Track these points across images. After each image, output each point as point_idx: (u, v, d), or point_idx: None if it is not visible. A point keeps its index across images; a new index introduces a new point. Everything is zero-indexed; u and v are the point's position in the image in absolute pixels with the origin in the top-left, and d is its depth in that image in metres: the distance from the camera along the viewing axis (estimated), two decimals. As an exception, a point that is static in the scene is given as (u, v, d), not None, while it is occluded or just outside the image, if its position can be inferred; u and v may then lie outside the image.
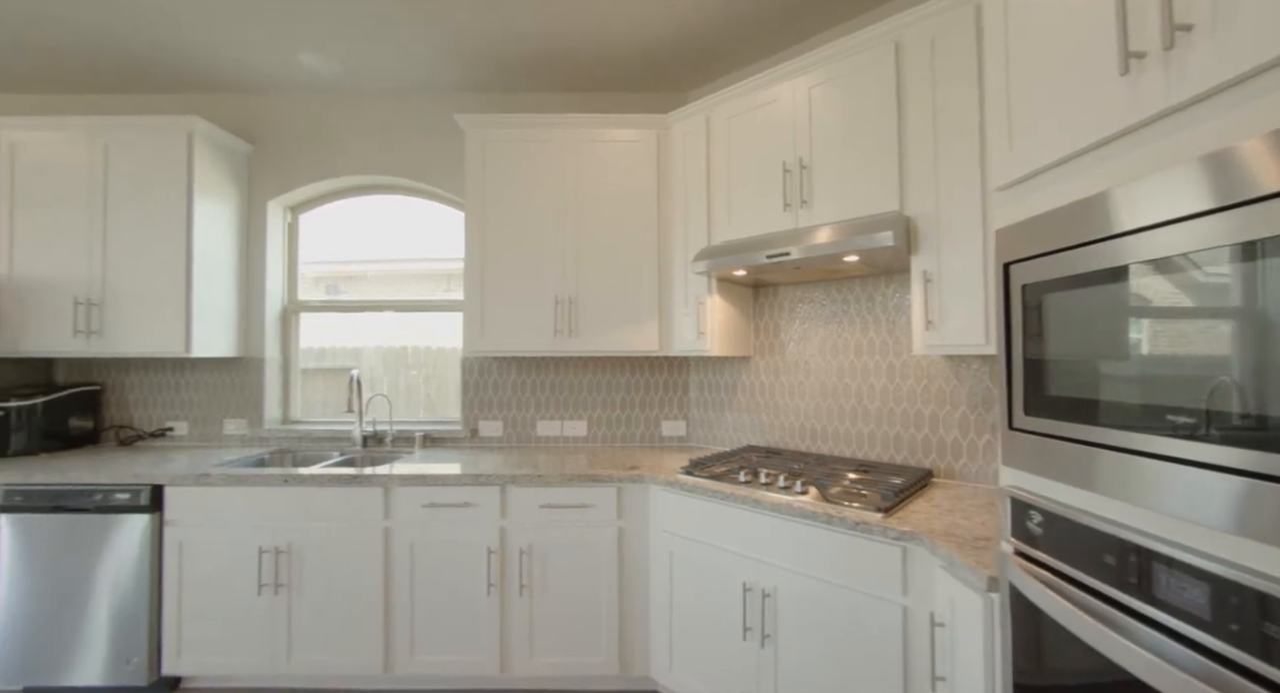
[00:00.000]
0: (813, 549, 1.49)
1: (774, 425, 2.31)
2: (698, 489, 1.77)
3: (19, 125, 2.33)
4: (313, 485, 1.97)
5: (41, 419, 2.37)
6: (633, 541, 1.98)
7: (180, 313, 2.31)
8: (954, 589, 1.17)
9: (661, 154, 2.31)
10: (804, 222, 1.85)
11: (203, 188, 2.38)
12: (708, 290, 2.15)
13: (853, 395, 2.08)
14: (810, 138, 1.85)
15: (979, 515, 1.41)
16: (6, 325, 2.35)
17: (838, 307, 2.13)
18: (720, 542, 1.72)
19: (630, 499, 1.98)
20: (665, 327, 2.30)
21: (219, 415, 2.61)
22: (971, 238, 1.49)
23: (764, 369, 2.35)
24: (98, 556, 1.97)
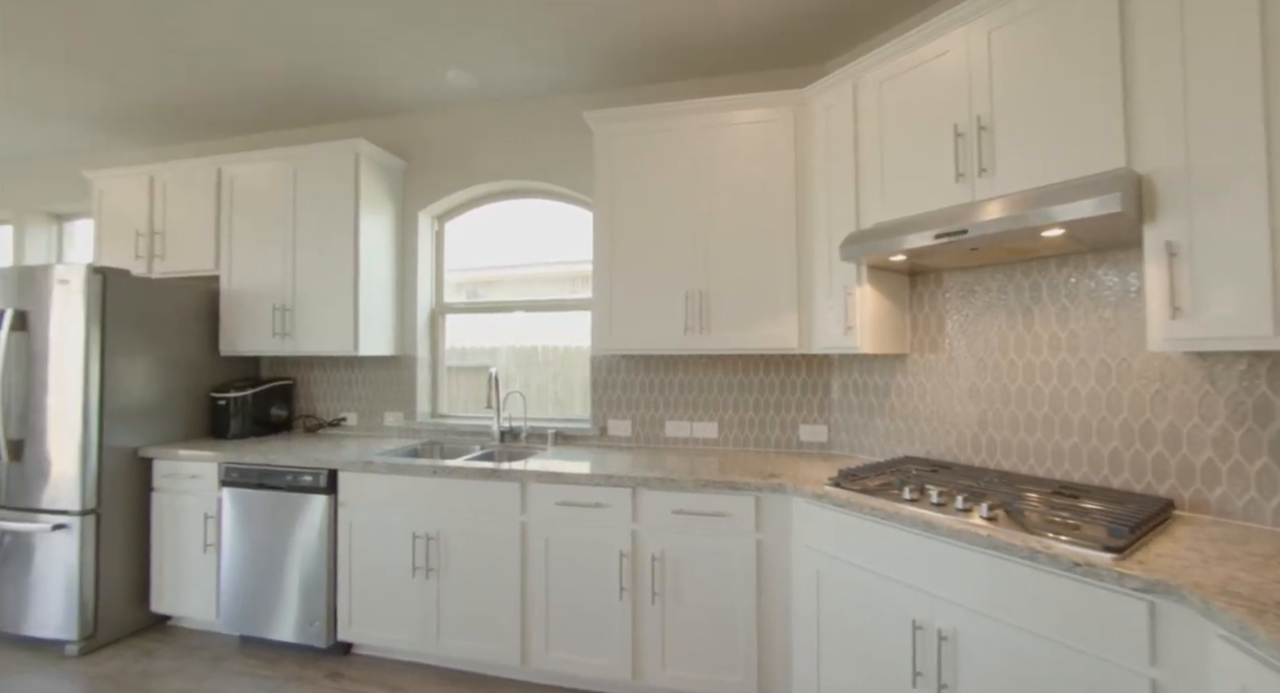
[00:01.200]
0: (1007, 589, 1.22)
1: (936, 434, 1.99)
2: (850, 505, 1.56)
3: (234, 161, 2.77)
4: (456, 477, 2.07)
5: (251, 408, 2.78)
6: (773, 555, 1.81)
7: (349, 316, 2.58)
8: (1250, 672, 0.86)
9: (799, 132, 2.11)
10: (982, 193, 1.55)
11: (366, 203, 2.64)
12: (856, 280, 1.90)
13: (1045, 401, 1.71)
14: (990, 92, 1.54)
15: (1271, 569, 1.05)
16: (228, 330, 2.80)
17: (1024, 294, 1.77)
18: (879, 567, 1.49)
19: (770, 510, 1.82)
20: (806, 322, 2.09)
21: (381, 408, 2.89)
22: (1248, 196, 1.12)
23: (923, 369, 2.04)
24: (291, 528, 2.25)
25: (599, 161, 2.31)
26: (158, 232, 2.90)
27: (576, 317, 2.81)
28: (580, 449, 2.45)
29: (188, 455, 2.41)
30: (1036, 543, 1.17)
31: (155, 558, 2.48)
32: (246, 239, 2.75)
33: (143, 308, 2.51)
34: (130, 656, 2.28)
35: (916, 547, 1.40)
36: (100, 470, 2.35)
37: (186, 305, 2.70)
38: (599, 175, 2.31)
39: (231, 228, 2.77)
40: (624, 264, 2.27)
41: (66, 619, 2.28)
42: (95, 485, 2.33)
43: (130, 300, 2.46)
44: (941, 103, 1.65)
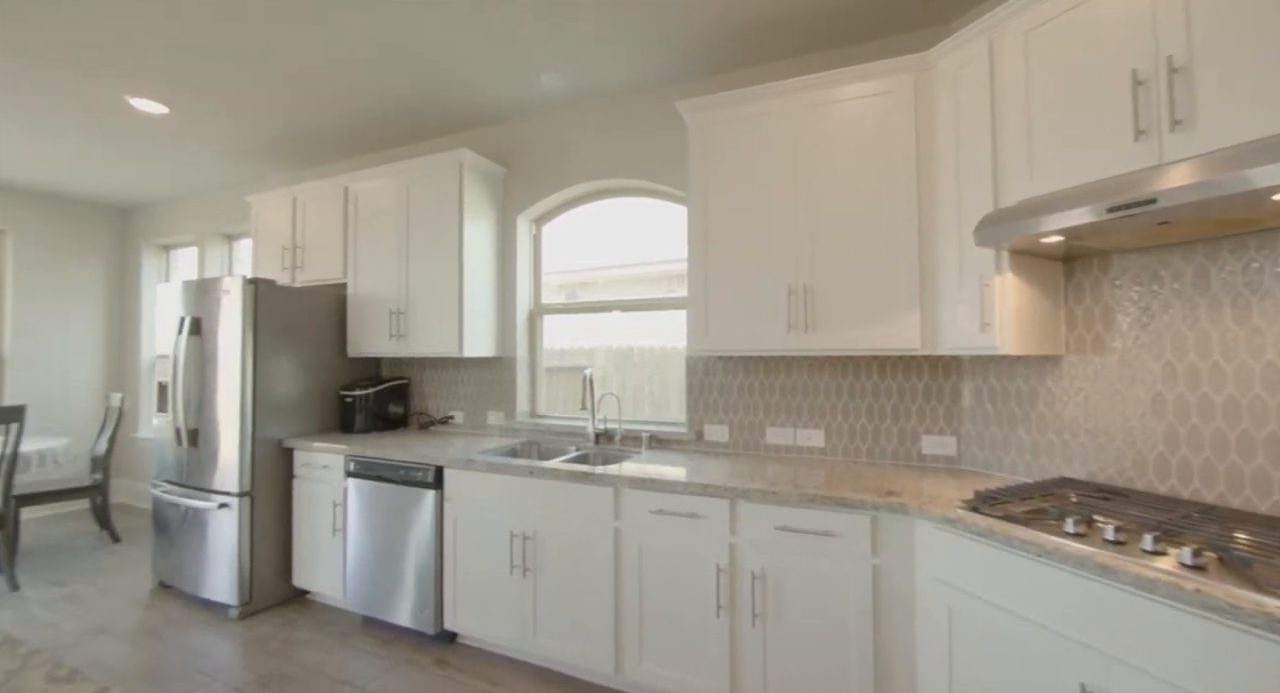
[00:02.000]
0: (1224, 662, 0.93)
1: (1102, 452, 1.64)
2: (993, 535, 1.31)
3: (358, 179, 3.02)
4: (551, 479, 2.07)
5: (373, 405, 3.02)
6: (892, 583, 1.59)
7: (454, 319, 2.70)
8: None
9: (920, 103, 1.85)
10: (1174, 152, 1.23)
11: (469, 210, 2.75)
12: (995, 269, 1.62)
13: (1266, 416, 1.33)
14: (1188, 24, 1.22)
15: None
16: (353, 332, 3.07)
17: (1234, 279, 1.40)
18: (1032, 613, 1.24)
19: (888, 532, 1.60)
20: (930, 318, 1.83)
21: (484, 407, 3.01)
22: None
23: (1083, 373, 1.70)
24: (406, 519, 2.40)
25: (692, 153, 2.21)
26: (299, 246, 3.25)
27: (672, 316, 2.73)
28: (675, 454, 2.36)
29: (320, 447, 2.66)
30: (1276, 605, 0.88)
31: (296, 538, 2.78)
32: (368, 249, 2.99)
33: (286, 314, 2.82)
34: (276, 623, 2.56)
35: (1084, 594, 1.14)
36: (253, 458, 2.66)
37: (320, 311, 2.99)
38: (692, 168, 2.21)
39: (357, 239, 3.03)
40: (719, 260, 2.15)
41: (229, 587, 2.61)
42: (250, 471, 2.65)
43: (276, 307, 2.77)
44: (1113, 46, 1.34)
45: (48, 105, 2.76)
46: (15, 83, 2.53)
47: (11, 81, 2.52)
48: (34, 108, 2.79)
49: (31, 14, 2.03)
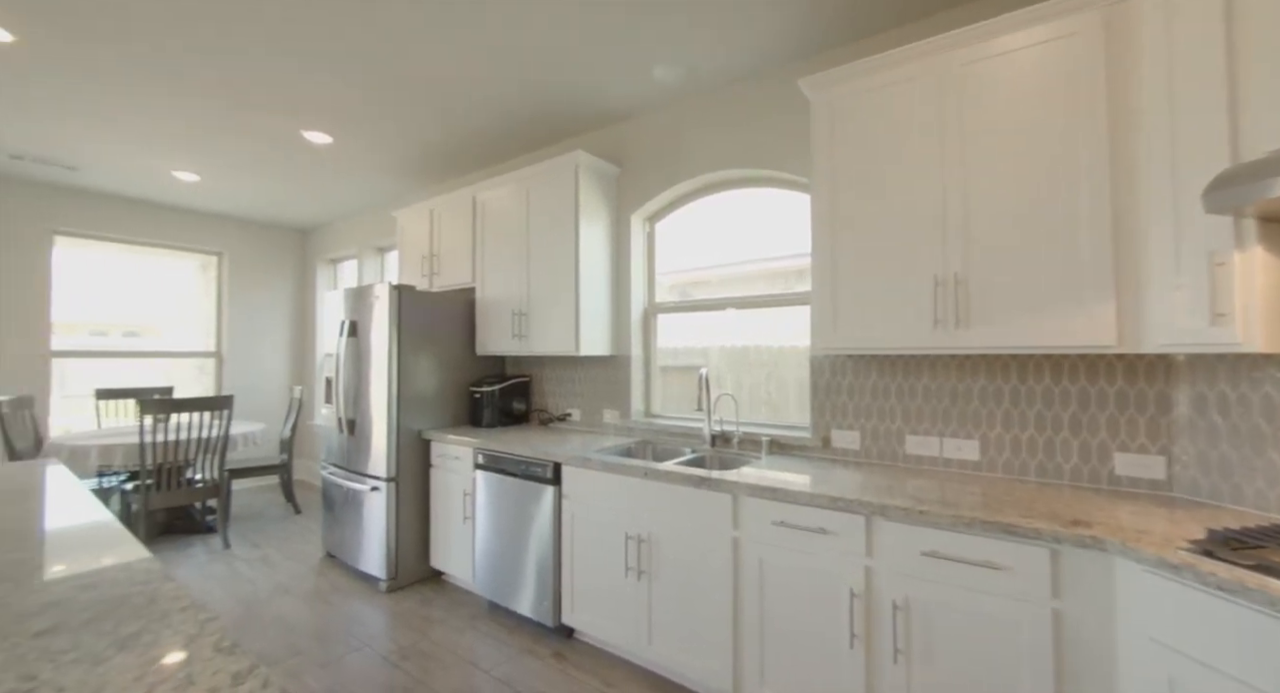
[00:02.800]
0: None
1: None
2: (1245, 592, 1.00)
3: (484, 188, 3.21)
4: (667, 482, 2.00)
5: (498, 401, 3.19)
6: (1082, 635, 1.30)
7: (571, 318, 2.75)
8: None
9: (1112, 44, 1.50)
10: None
11: (585, 210, 2.79)
12: (1235, 241, 1.25)
13: None
14: None
15: None
16: (481, 333, 3.27)
17: None
18: (1312, 702, 0.92)
19: (1076, 572, 1.31)
20: (1130, 308, 1.48)
21: (600, 405, 3.04)
22: None
23: (1379, 378, 1.25)
24: (528, 512, 2.48)
25: (817, 134, 2.01)
26: (435, 254, 3.54)
27: (792, 314, 2.54)
28: (798, 461, 2.18)
29: (453, 440, 2.85)
30: None
31: (433, 523, 3.01)
32: (494, 253, 3.16)
33: (424, 316, 3.07)
34: (416, 600, 2.79)
35: None
36: (398, 447, 2.93)
37: (453, 313, 3.23)
38: (817, 150, 2.01)
39: (484, 245, 3.22)
40: (849, 249, 1.93)
41: (380, 562, 2.91)
42: (395, 459, 2.92)
43: (416, 310, 3.03)
44: None
45: (243, 145, 3.27)
46: (220, 127, 3.03)
47: (218, 126, 3.02)
48: (233, 147, 3.32)
49: (227, 66, 2.39)
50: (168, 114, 2.88)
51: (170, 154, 3.47)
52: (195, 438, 3.39)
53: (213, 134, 3.14)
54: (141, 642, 0.78)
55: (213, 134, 3.14)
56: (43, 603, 0.89)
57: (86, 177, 3.94)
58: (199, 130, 3.09)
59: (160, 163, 3.61)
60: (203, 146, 3.33)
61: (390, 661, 2.23)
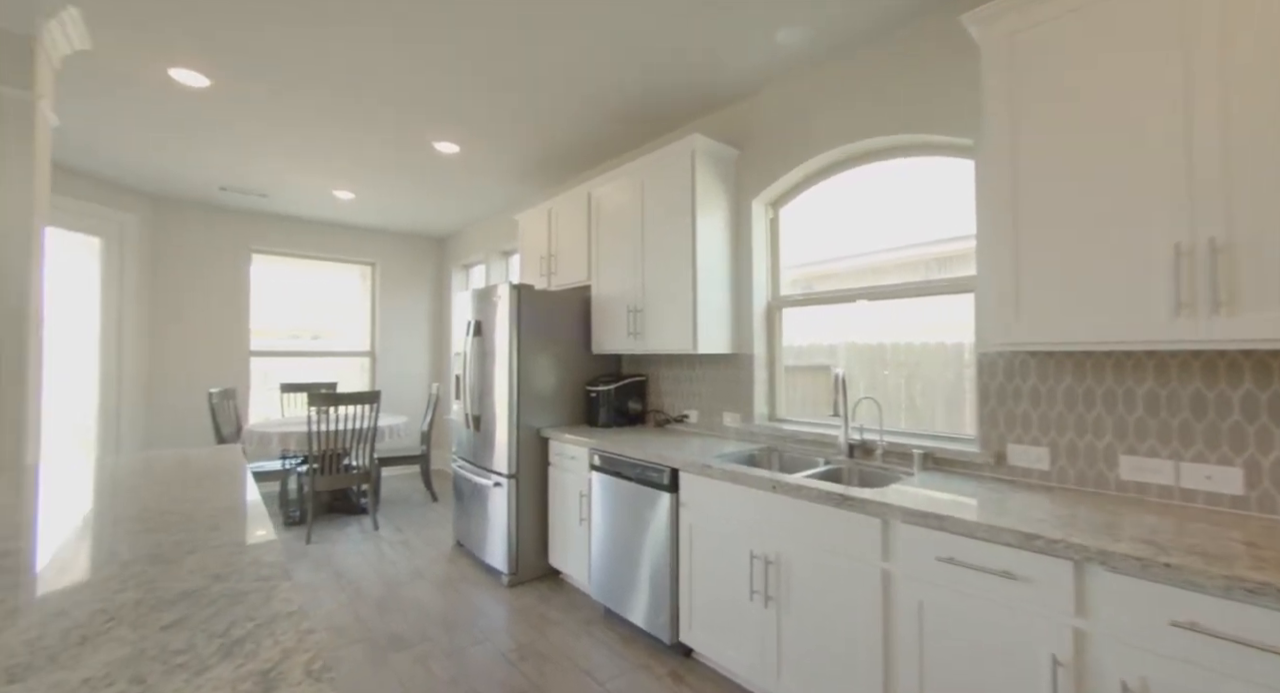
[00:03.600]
0: None
1: None
2: None
3: (598, 184, 3.16)
4: (799, 497, 1.75)
5: (614, 400, 3.12)
6: None
7: (688, 315, 2.58)
8: None
9: None
10: None
11: (702, 198, 2.60)
12: None
13: None
14: None
15: None
16: (596, 331, 3.22)
17: None
18: None
19: None
20: None
21: (719, 407, 2.83)
22: None
23: None
24: (643, 519, 2.36)
25: (990, 78, 1.63)
26: (552, 253, 3.58)
27: (938, 305, 2.13)
28: (963, 480, 1.79)
29: (569, 439, 2.82)
30: None
31: (551, 522, 3.02)
32: (608, 250, 3.10)
33: (542, 315, 3.09)
34: (535, 597, 2.80)
35: None
36: (518, 444, 2.97)
37: (569, 311, 3.22)
38: (989, 101, 1.63)
39: (599, 242, 3.18)
40: (1038, 216, 1.53)
41: (502, 556, 2.97)
42: (516, 456, 2.97)
43: (534, 309, 3.06)
44: None
45: (385, 160, 3.56)
46: (365, 144, 3.31)
47: (364, 145, 3.30)
48: (376, 164, 3.63)
49: (367, 92, 2.57)
50: (326, 140, 3.21)
51: (331, 175, 3.90)
52: (350, 428, 3.76)
53: (361, 153, 3.45)
54: (244, 650, 0.74)
55: (361, 153, 3.45)
56: (179, 592, 0.91)
57: (274, 202, 4.59)
58: (351, 151, 3.41)
59: (324, 183, 4.08)
60: (354, 166, 3.69)
61: (509, 659, 2.22)
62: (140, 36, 2.22)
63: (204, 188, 4.22)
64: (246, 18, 2.09)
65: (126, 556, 1.09)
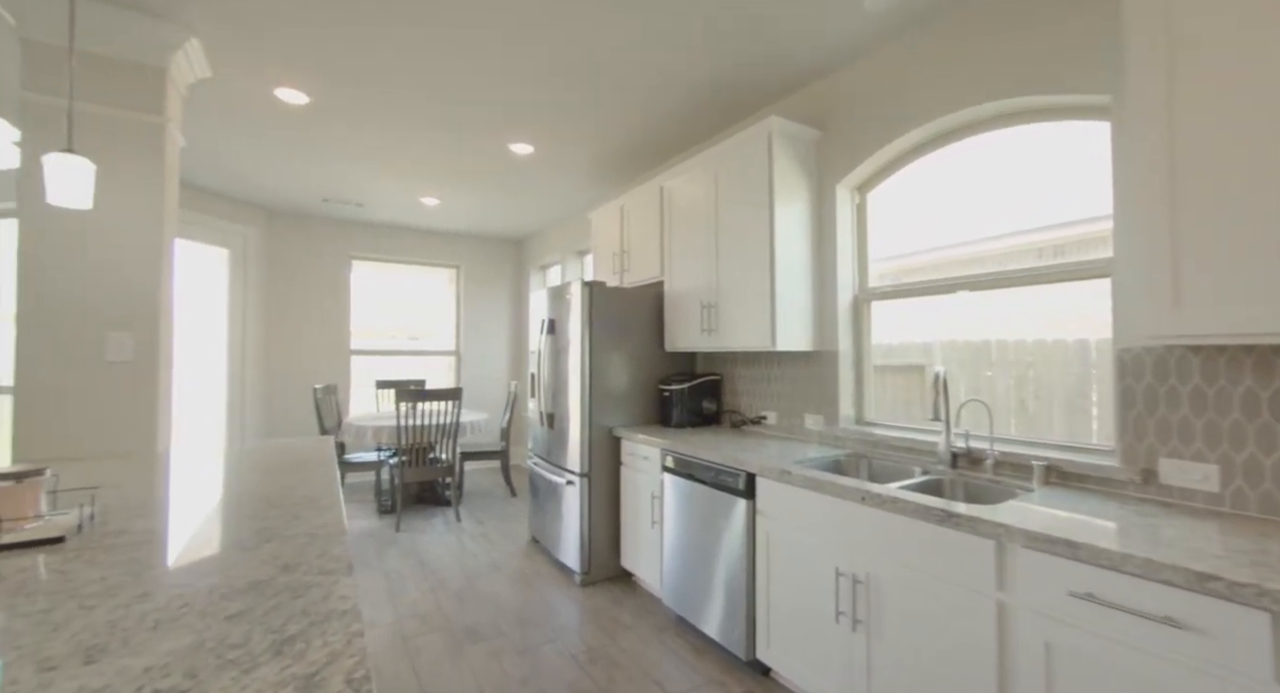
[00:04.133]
0: None
1: None
2: None
3: (670, 176, 3.07)
4: (892, 511, 1.55)
5: (688, 400, 3.02)
6: None
7: (766, 309, 2.42)
8: None
9: None
10: None
11: (780, 184, 2.43)
12: None
13: None
14: None
15: None
16: (669, 328, 3.13)
17: None
18: None
19: None
20: None
21: (800, 409, 2.64)
22: None
23: None
24: (717, 525, 2.24)
25: (1135, 25, 1.35)
26: (625, 250, 3.53)
27: (1059, 297, 1.82)
28: (1099, 500, 1.51)
29: (641, 439, 2.75)
30: None
31: (623, 522, 2.96)
32: (681, 244, 3.00)
33: (614, 312, 3.05)
34: (607, 598, 2.76)
35: None
36: (590, 443, 2.95)
37: (641, 308, 3.15)
38: (1135, 45, 1.35)
39: (671, 236, 3.08)
40: (1202, 185, 1.24)
41: (575, 555, 2.96)
42: (588, 454, 2.94)
43: (606, 306, 3.02)
44: None
45: (464, 164, 3.68)
46: (442, 147, 3.43)
47: (446, 151, 3.43)
48: (456, 168, 3.76)
49: (441, 92, 2.64)
50: (410, 146, 3.37)
51: (417, 181, 4.10)
52: (434, 424, 3.93)
53: (442, 158, 3.58)
54: (294, 649, 0.72)
55: (442, 158, 3.58)
56: (250, 582, 0.93)
57: (370, 211, 4.92)
58: (433, 156, 3.55)
59: (412, 190, 4.30)
60: (437, 171, 3.85)
61: (579, 661, 2.18)
62: (250, 61, 2.41)
63: (309, 200, 4.60)
64: (338, 38, 2.20)
65: (215, 541, 1.14)
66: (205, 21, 2.15)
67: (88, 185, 1.79)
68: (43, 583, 0.92)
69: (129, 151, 2.16)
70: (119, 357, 2.13)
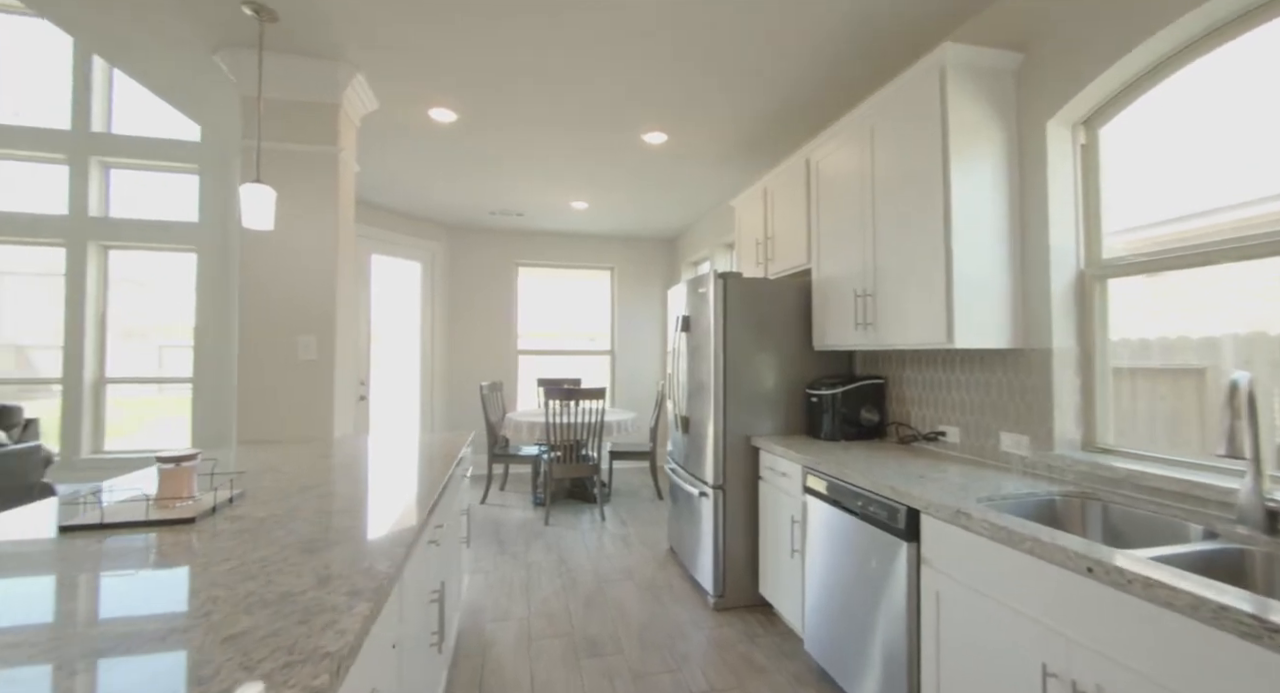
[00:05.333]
0: None
1: None
2: None
3: (818, 145, 2.62)
4: (1148, 599, 0.99)
5: (841, 407, 2.54)
6: None
7: (939, 295, 1.87)
8: None
9: None
10: None
11: (959, 133, 1.86)
12: None
13: None
14: None
15: None
16: (818, 323, 2.68)
17: None
18: None
19: None
20: None
21: (993, 425, 2.02)
22: None
23: None
24: (869, 570, 1.78)
25: None
26: (769, 237, 3.15)
27: None
28: None
29: (780, 452, 2.38)
30: None
31: (761, 545, 2.61)
32: (830, 223, 2.54)
33: (753, 306, 2.70)
34: (740, 629, 2.43)
35: None
36: (725, 451, 2.65)
37: (785, 301, 2.75)
38: None
39: (819, 215, 2.64)
40: None
41: (708, 574, 2.69)
42: (722, 464, 2.65)
43: (744, 300, 2.69)
44: None
45: (602, 162, 3.65)
46: (583, 146, 3.42)
47: (582, 143, 3.42)
48: (595, 166, 3.75)
49: (577, 88, 2.59)
50: (552, 149, 3.44)
51: (565, 186, 4.22)
52: (581, 422, 3.99)
53: (582, 157, 3.60)
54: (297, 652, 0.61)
55: (582, 157, 3.60)
56: (280, 592, 0.87)
57: (530, 220, 5.26)
58: (574, 156, 3.59)
59: (561, 195, 4.46)
60: (579, 172, 3.90)
61: (698, 702, 1.92)
62: (404, 87, 2.64)
63: (478, 214, 5.07)
64: (472, 49, 2.27)
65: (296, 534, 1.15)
66: (365, 55, 2.39)
67: (269, 209, 2.07)
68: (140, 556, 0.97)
69: (310, 179, 2.49)
70: (306, 356, 2.47)
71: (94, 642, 0.71)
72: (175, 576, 0.93)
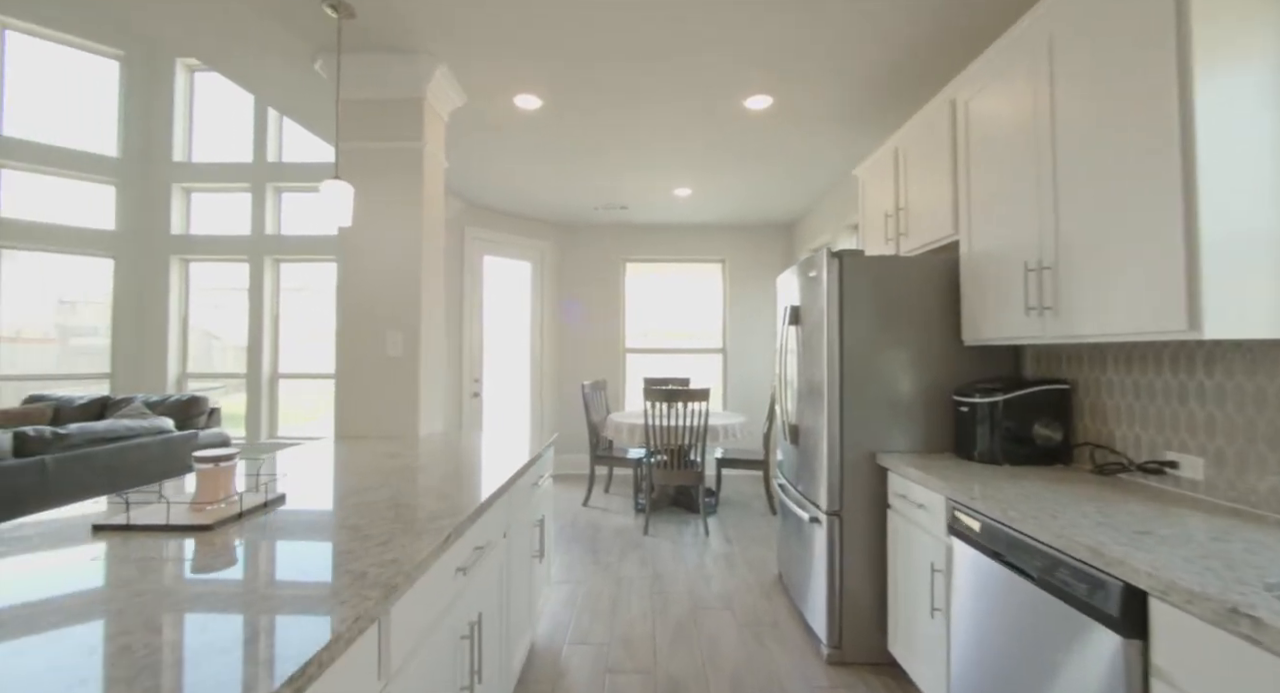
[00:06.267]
0: None
1: None
2: None
3: (966, 81, 2.02)
4: None
5: (1003, 419, 1.93)
6: None
7: (1176, 261, 1.25)
8: None
9: None
10: None
11: (1205, 21, 1.22)
12: None
13: None
14: None
15: None
16: (969, 310, 2.09)
17: None
18: None
19: None
20: None
21: (1262, 453, 1.32)
22: None
23: None
24: (1052, 659, 1.24)
25: None
26: (901, 207, 2.56)
27: None
28: None
29: (915, 476, 1.85)
30: None
31: (891, 591, 2.08)
32: (985, 180, 1.93)
33: (878, 290, 2.18)
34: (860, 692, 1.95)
35: None
36: (841, 470, 2.17)
37: (922, 283, 2.18)
38: None
39: (969, 172, 2.04)
40: None
41: (820, 618, 2.22)
42: (838, 486, 2.17)
43: (865, 283, 2.18)
44: None
45: (700, 132, 3.29)
46: (680, 119, 3.09)
47: (678, 117, 3.10)
48: (696, 144, 3.40)
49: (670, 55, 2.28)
50: (647, 128, 3.16)
51: (669, 174, 3.94)
52: (684, 425, 3.68)
53: (680, 132, 3.26)
54: None
55: (680, 132, 3.26)
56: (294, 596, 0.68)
57: (633, 213, 5.07)
58: (674, 137, 3.29)
59: (664, 182, 4.18)
60: (681, 154, 3.58)
61: (799, 795, 1.51)
62: (488, 76, 2.54)
63: (583, 210, 4.98)
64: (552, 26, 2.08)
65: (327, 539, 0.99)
66: (444, 46, 2.31)
67: (348, 205, 2.05)
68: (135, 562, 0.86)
69: (395, 175, 2.48)
70: (394, 351, 2.47)
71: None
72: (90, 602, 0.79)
